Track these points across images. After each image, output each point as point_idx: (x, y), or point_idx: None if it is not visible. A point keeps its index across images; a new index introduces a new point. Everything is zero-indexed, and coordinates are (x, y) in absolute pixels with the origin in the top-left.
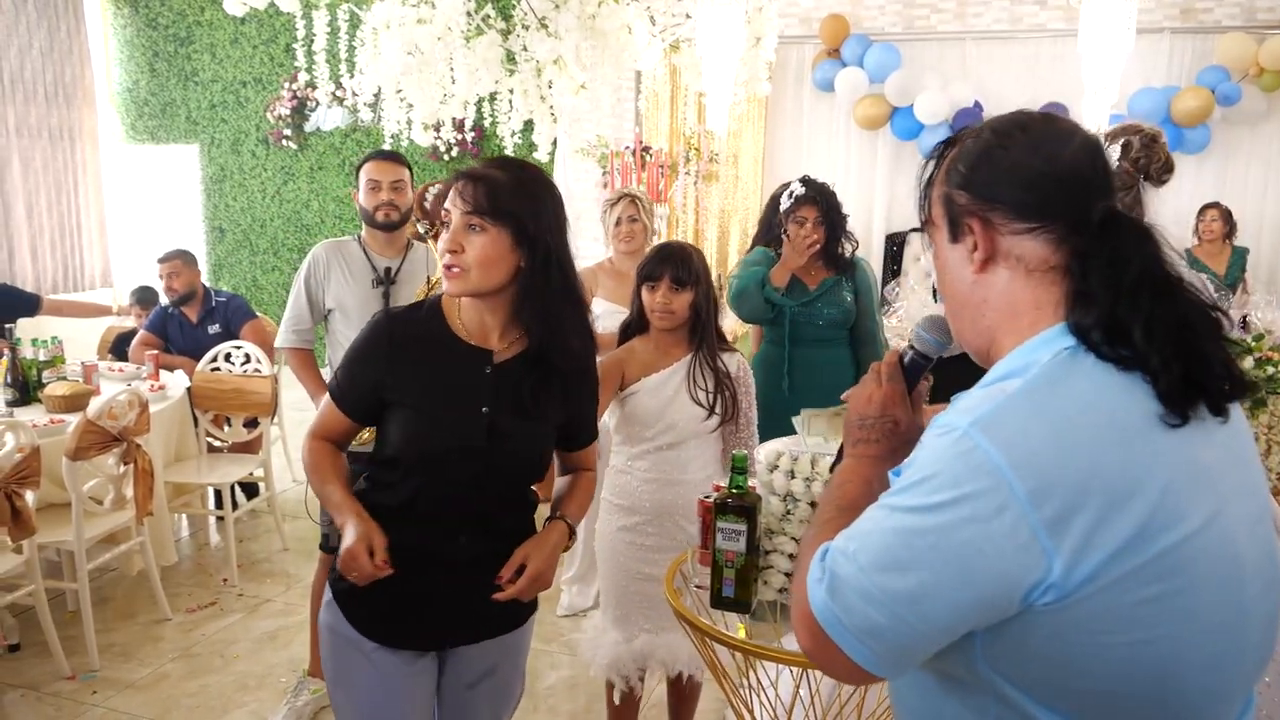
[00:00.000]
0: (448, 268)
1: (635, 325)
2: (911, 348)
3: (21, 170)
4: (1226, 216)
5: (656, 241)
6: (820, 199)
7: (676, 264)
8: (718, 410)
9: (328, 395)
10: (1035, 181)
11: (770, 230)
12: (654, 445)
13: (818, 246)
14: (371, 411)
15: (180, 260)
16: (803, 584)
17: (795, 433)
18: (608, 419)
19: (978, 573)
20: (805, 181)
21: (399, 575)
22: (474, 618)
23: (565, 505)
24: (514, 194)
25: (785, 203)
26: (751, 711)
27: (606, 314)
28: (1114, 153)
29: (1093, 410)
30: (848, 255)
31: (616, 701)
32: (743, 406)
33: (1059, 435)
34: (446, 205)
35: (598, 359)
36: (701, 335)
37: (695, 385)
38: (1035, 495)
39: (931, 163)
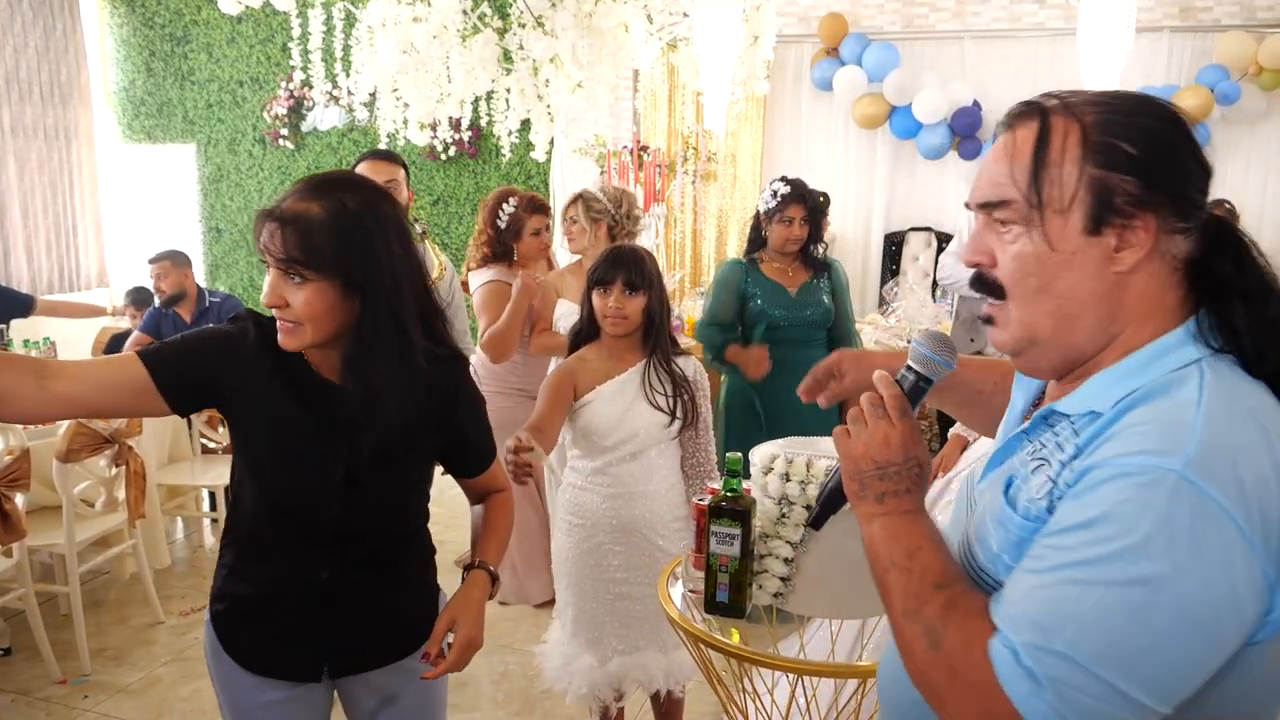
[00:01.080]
0: (278, 321)
1: (586, 332)
2: (913, 371)
3: (17, 170)
4: (1230, 214)
5: (624, 242)
6: (806, 197)
7: (629, 268)
8: (678, 414)
9: (138, 362)
10: (1199, 177)
11: (755, 234)
12: (615, 456)
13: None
14: (190, 402)
15: (169, 261)
16: (952, 697)
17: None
18: (563, 434)
19: (1228, 633)
20: (787, 180)
21: (266, 605)
22: (353, 646)
23: (483, 549)
24: (333, 235)
25: (769, 203)
26: (747, 718)
27: (566, 315)
28: None
29: (1274, 429)
30: (820, 256)
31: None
32: (701, 411)
33: (1259, 462)
34: (263, 246)
35: (548, 370)
36: (655, 340)
37: (652, 390)
38: (1259, 531)
39: (1032, 127)
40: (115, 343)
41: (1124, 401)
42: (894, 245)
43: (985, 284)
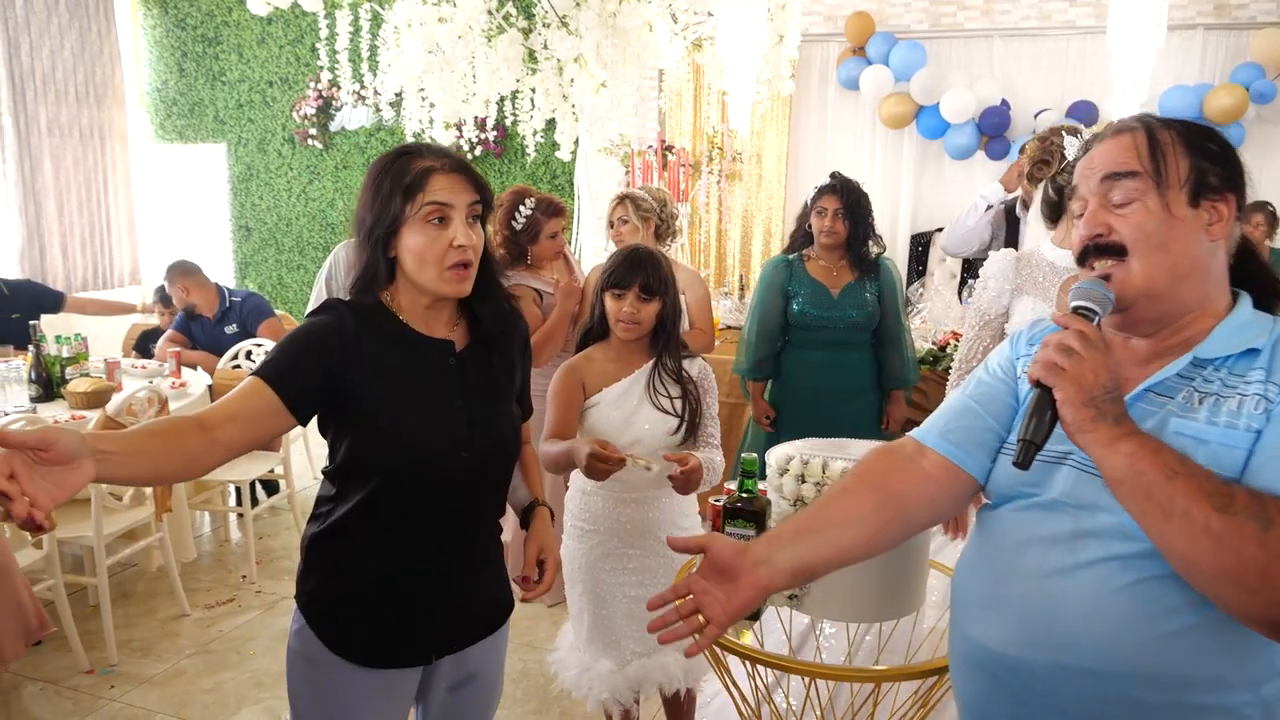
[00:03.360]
0: (463, 265)
1: (596, 331)
2: (1085, 309)
3: (53, 169)
4: (1271, 218)
5: (677, 240)
6: (844, 191)
7: (646, 271)
8: (685, 417)
9: (248, 379)
10: (1244, 182)
11: (800, 230)
12: None
13: (839, 239)
14: (312, 406)
15: (172, 275)
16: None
17: (808, 436)
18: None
19: None
20: (833, 175)
21: (379, 596)
22: (459, 624)
23: (533, 488)
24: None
25: (809, 195)
26: (760, 718)
27: None
28: (1072, 145)
29: None
30: (872, 257)
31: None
32: (708, 413)
33: None
34: (443, 200)
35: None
36: (664, 343)
37: (657, 394)
38: None
39: (1140, 130)
40: (145, 339)
41: (1272, 335)
42: (920, 246)
43: (1104, 248)
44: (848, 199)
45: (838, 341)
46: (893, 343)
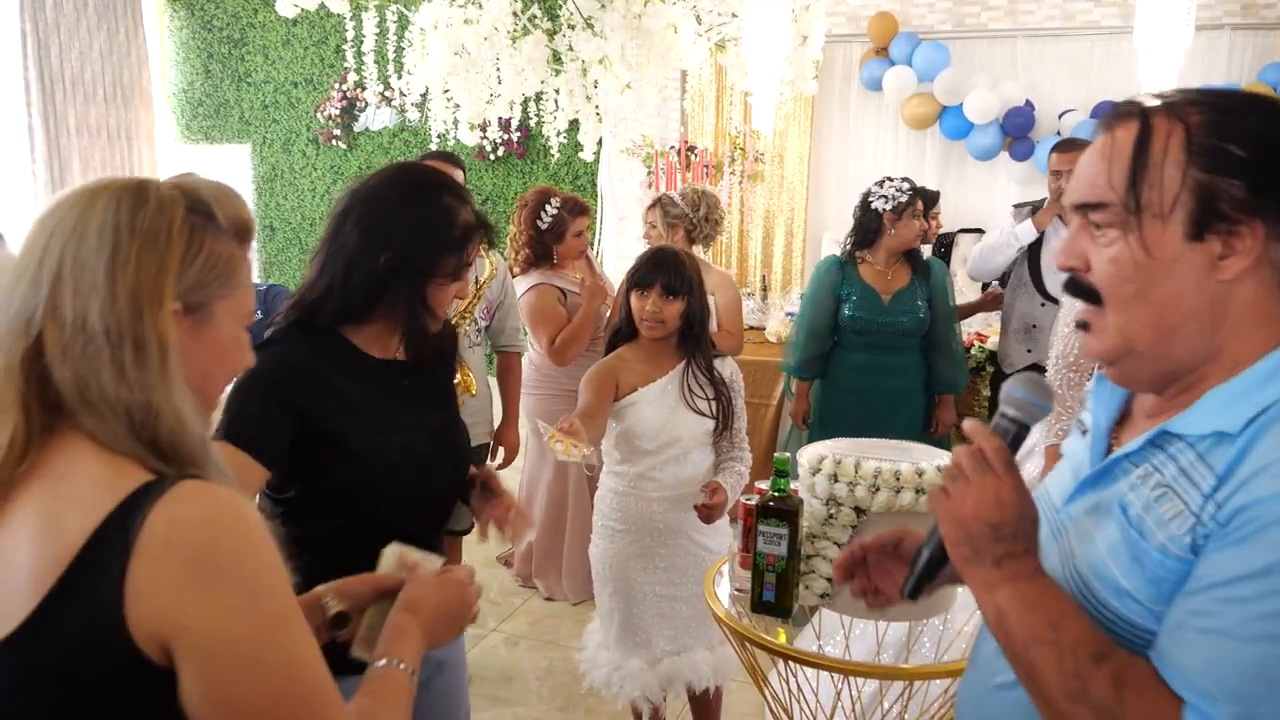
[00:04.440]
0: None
1: (624, 331)
2: (1008, 419)
3: (81, 169)
4: None
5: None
6: (925, 199)
7: (669, 271)
8: (719, 418)
9: (233, 448)
10: None
11: (864, 234)
12: (659, 460)
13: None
14: (288, 454)
15: None
16: None
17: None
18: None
19: None
20: (895, 179)
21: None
22: None
23: None
24: None
25: (898, 198)
26: (791, 717)
27: None
28: None
29: None
30: (924, 258)
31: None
32: (737, 411)
33: None
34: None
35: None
36: (694, 343)
37: (693, 394)
38: None
39: (1132, 127)
40: None
41: (1257, 422)
42: (944, 247)
43: (1080, 289)
44: (927, 206)
45: (887, 345)
46: (942, 347)
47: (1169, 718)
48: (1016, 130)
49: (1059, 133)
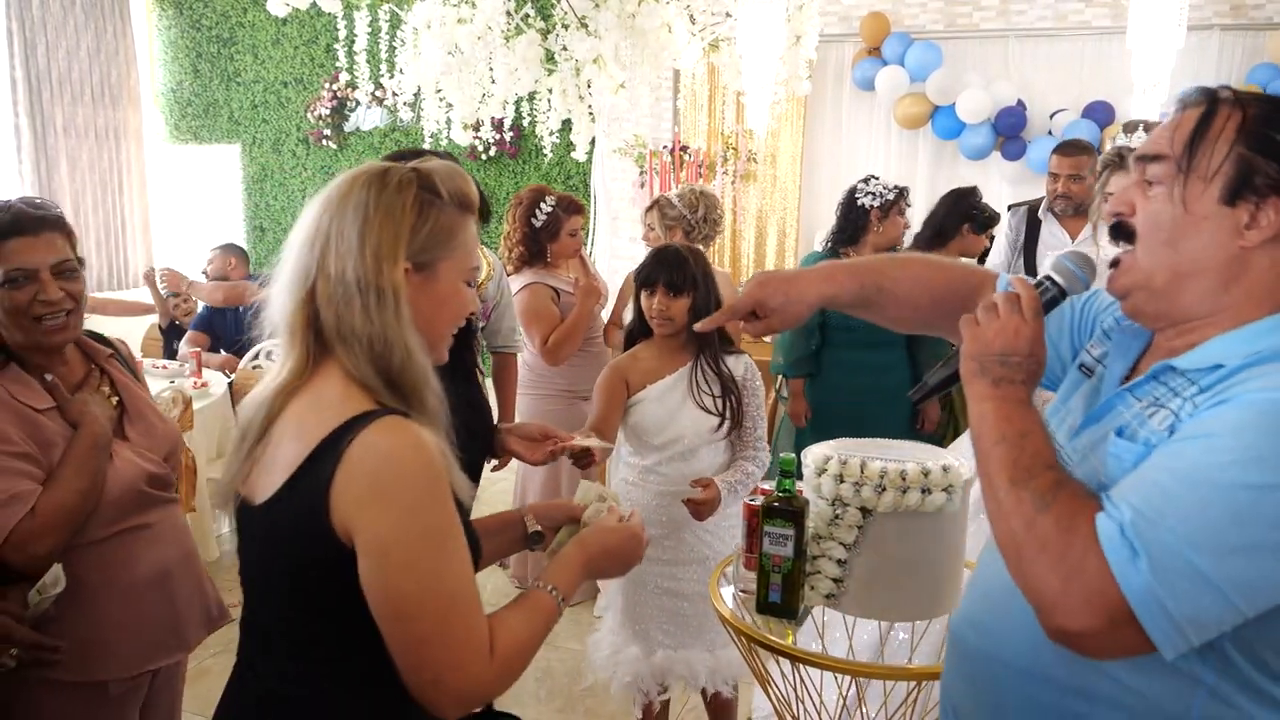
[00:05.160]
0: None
1: (639, 331)
2: (1052, 282)
3: (69, 170)
4: None
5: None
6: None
7: (670, 269)
8: (727, 416)
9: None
10: None
11: (851, 231)
12: (664, 456)
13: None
14: None
15: (232, 250)
16: (1046, 559)
17: (844, 436)
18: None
19: None
20: (875, 178)
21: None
22: None
23: None
24: None
25: (885, 196)
26: (797, 719)
27: None
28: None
29: None
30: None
31: (638, 715)
32: (749, 410)
33: None
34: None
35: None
36: (703, 339)
37: (700, 391)
38: None
39: (1201, 106)
40: (169, 337)
41: (1253, 357)
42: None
43: (1122, 230)
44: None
45: (874, 342)
46: (926, 342)
47: (1088, 513)
48: (1009, 130)
49: (1051, 133)
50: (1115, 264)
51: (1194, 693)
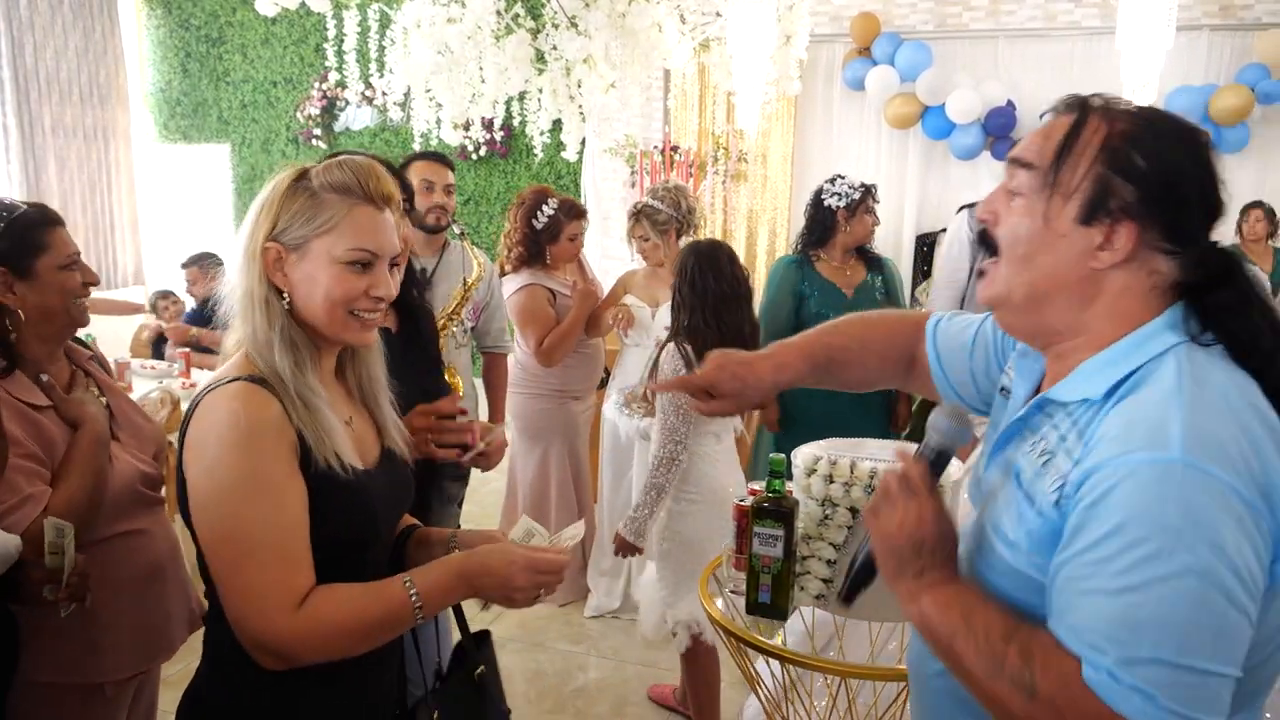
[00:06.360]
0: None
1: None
2: (932, 446)
3: (57, 169)
4: (1270, 216)
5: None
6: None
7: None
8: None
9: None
10: (1199, 213)
11: (819, 232)
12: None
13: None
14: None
15: (196, 268)
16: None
17: (826, 436)
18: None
19: (1260, 588)
20: (843, 177)
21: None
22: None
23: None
24: None
25: (851, 195)
26: (786, 718)
27: (633, 306)
28: None
29: (1254, 410)
30: (875, 253)
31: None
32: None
33: (1248, 437)
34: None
35: (588, 374)
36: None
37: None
38: (1262, 499)
39: (1070, 116)
40: (159, 341)
41: (1118, 391)
42: (925, 246)
43: (986, 241)
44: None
45: None
46: None
47: (1074, 676)
48: (998, 130)
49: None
50: (981, 274)
51: None
